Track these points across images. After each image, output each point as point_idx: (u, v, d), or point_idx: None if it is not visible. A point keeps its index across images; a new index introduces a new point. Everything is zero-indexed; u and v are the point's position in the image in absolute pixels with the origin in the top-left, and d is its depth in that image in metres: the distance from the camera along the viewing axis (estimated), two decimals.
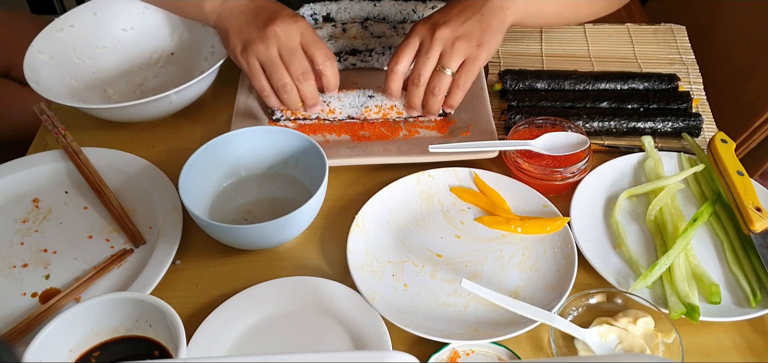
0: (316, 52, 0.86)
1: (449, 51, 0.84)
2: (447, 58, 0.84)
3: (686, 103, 0.96)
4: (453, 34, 0.84)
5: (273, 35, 0.84)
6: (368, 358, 0.55)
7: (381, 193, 0.86)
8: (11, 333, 0.72)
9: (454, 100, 0.88)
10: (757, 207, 0.79)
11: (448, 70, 0.85)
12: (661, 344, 0.70)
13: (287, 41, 0.85)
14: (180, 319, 0.65)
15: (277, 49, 0.85)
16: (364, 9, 1.07)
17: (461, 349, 0.71)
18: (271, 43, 0.85)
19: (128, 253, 0.82)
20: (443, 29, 0.84)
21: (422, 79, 0.86)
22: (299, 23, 0.86)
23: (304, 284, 0.77)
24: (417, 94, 0.87)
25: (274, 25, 0.84)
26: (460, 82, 0.86)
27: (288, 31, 0.85)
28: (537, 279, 0.78)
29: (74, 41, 1.03)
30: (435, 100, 0.87)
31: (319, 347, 0.72)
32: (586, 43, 1.11)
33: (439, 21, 0.85)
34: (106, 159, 0.91)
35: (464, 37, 0.84)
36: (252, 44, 0.85)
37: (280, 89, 0.86)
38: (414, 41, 0.86)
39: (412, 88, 0.87)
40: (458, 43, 0.84)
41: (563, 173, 0.86)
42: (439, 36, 0.84)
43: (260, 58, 0.86)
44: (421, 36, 0.86)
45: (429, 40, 0.84)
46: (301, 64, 0.86)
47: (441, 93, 0.86)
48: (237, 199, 0.87)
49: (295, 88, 0.87)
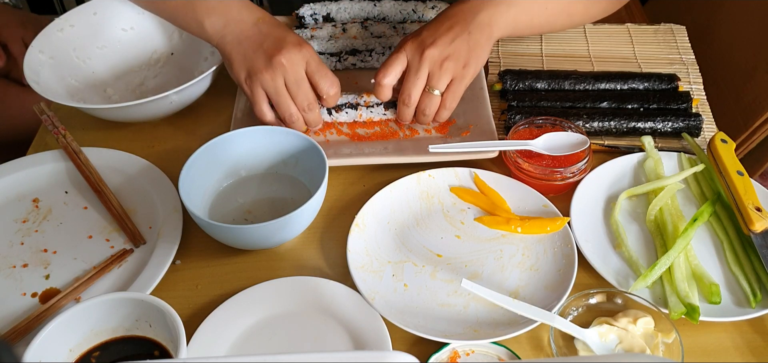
0: (320, 81, 0.86)
1: (437, 72, 0.85)
2: (435, 79, 0.85)
3: (686, 103, 0.96)
4: (441, 55, 0.84)
5: (279, 66, 0.84)
6: (368, 358, 0.55)
7: (381, 193, 0.86)
8: (11, 333, 0.72)
9: (441, 118, 0.90)
10: (757, 207, 0.79)
11: (436, 90, 0.86)
12: (661, 344, 0.70)
13: (293, 72, 0.85)
14: (180, 319, 0.65)
15: (283, 80, 0.85)
16: (364, 9, 1.07)
17: (461, 349, 0.71)
18: (277, 75, 0.84)
19: (128, 253, 0.82)
20: (432, 49, 0.84)
21: (412, 100, 0.87)
22: (304, 52, 0.85)
23: (304, 284, 0.77)
24: (407, 113, 0.89)
25: (280, 56, 0.84)
26: (446, 103, 0.88)
27: (293, 61, 0.84)
28: (537, 279, 0.78)
29: (74, 41, 1.03)
30: (424, 118, 0.89)
31: (319, 347, 0.72)
32: (586, 43, 1.11)
33: (427, 40, 0.85)
34: (106, 159, 0.91)
35: (452, 57, 0.85)
36: (257, 74, 0.85)
37: (287, 119, 0.87)
38: (402, 57, 0.86)
39: (402, 107, 0.88)
40: (446, 63, 0.84)
41: (563, 173, 0.86)
42: (427, 56, 0.84)
43: (266, 88, 0.85)
44: (409, 54, 0.86)
45: (418, 60, 0.85)
46: (307, 96, 0.86)
47: (431, 112, 0.88)
48: (237, 199, 0.87)
49: (301, 117, 0.88)
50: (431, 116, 0.89)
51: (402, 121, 0.91)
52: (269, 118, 0.88)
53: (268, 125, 0.88)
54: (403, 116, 0.90)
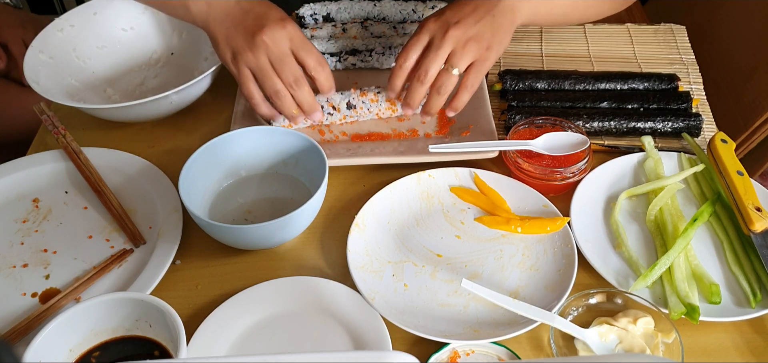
0: (306, 57, 0.84)
1: (460, 51, 0.82)
2: (457, 57, 0.83)
3: (686, 103, 0.96)
4: (465, 35, 0.82)
5: (261, 44, 0.82)
6: (368, 358, 0.55)
7: (381, 193, 0.86)
8: (11, 333, 0.72)
9: (460, 102, 0.86)
10: (757, 207, 0.79)
11: (455, 69, 0.83)
12: (661, 344, 0.70)
13: (276, 49, 0.83)
14: (180, 319, 0.65)
15: (267, 57, 0.83)
16: (364, 9, 1.07)
17: (461, 349, 0.71)
18: (259, 52, 0.83)
19: (128, 253, 0.82)
20: (455, 29, 0.82)
21: (428, 76, 0.84)
22: (287, 28, 0.83)
23: (304, 284, 0.77)
24: (419, 91, 0.86)
25: (261, 34, 0.82)
26: (468, 83, 0.85)
27: (275, 38, 0.83)
28: (537, 279, 0.78)
29: (74, 41, 1.03)
30: (439, 98, 0.85)
31: (319, 347, 0.72)
32: (586, 43, 1.11)
33: (452, 20, 0.83)
34: (106, 159, 0.91)
35: (476, 39, 0.83)
36: (241, 53, 0.84)
37: (274, 96, 0.85)
38: (424, 37, 0.84)
39: (415, 84, 0.85)
40: (470, 44, 0.82)
41: (563, 173, 0.86)
42: (451, 35, 0.82)
43: (250, 67, 0.84)
44: (431, 33, 0.84)
45: (440, 38, 0.82)
46: (292, 71, 0.84)
47: (446, 92, 0.85)
48: (237, 199, 0.87)
49: (288, 94, 0.85)
50: (445, 97, 0.85)
51: (409, 103, 0.88)
52: (257, 98, 0.86)
53: (257, 107, 0.87)
54: (413, 96, 0.86)
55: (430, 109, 0.88)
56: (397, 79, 0.86)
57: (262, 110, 0.88)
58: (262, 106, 0.88)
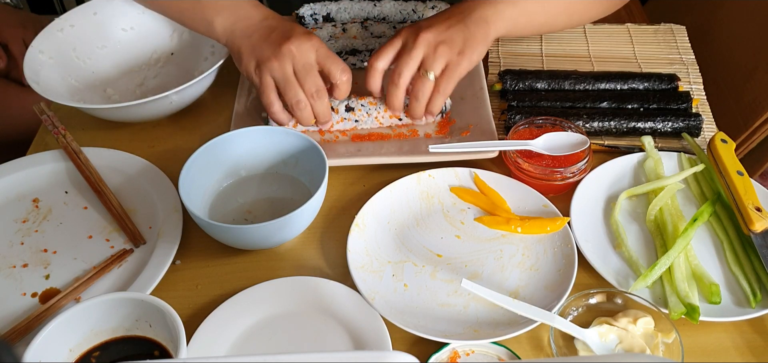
0: (332, 67, 0.87)
1: (432, 55, 0.84)
2: (430, 61, 0.85)
3: (686, 103, 0.96)
4: (436, 39, 0.84)
5: (288, 53, 0.84)
6: (368, 358, 0.55)
7: (381, 193, 0.86)
8: (11, 333, 0.72)
9: (435, 106, 0.88)
10: (757, 207, 0.79)
11: (430, 73, 0.85)
12: (661, 344, 0.70)
13: (302, 59, 0.85)
14: (180, 319, 0.65)
15: (292, 66, 0.85)
16: (364, 9, 1.07)
17: (461, 349, 0.71)
18: (285, 61, 0.85)
19: (128, 253, 0.82)
20: (427, 33, 0.85)
21: (402, 79, 0.86)
22: (313, 41, 0.86)
23: (304, 284, 0.77)
24: (397, 96, 0.88)
25: (289, 44, 0.84)
26: (440, 87, 0.87)
27: (302, 48, 0.85)
28: (537, 279, 0.78)
29: (74, 41, 1.03)
30: (418, 104, 0.88)
31: (319, 347, 0.72)
32: (586, 43, 1.11)
33: (424, 25, 0.86)
34: (106, 159, 0.91)
35: (446, 43, 0.85)
36: (266, 62, 0.85)
37: (295, 106, 0.86)
38: (396, 42, 0.87)
39: (391, 88, 0.87)
40: (441, 47, 0.84)
41: (563, 173, 0.86)
42: (422, 39, 0.84)
43: (274, 76, 0.86)
44: (404, 38, 0.86)
45: (412, 41, 0.85)
46: (315, 82, 0.86)
47: (424, 97, 0.87)
48: (237, 199, 0.87)
49: (309, 105, 0.87)
50: (424, 102, 0.87)
51: (392, 107, 0.90)
52: (276, 107, 0.88)
53: (275, 115, 0.88)
54: (393, 99, 0.88)
55: (413, 115, 0.90)
56: (372, 79, 0.88)
57: (281, 118, 0.89)
58: (281, 115, 0.89)
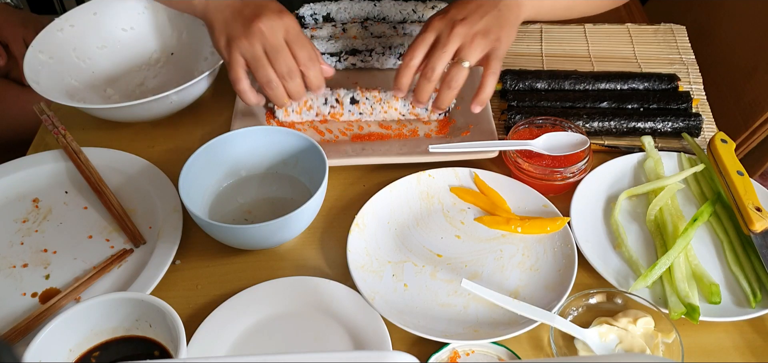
0: (299, 51, 0.84)
1: (468, 46, 0.82)
2: (466, 51, 0.83)
3: (686, 103, 0.96)
4: (471, 30, 0.83)
5: (258, 32, 0.83)
6: (368, 358, 0.55)
7: (381, 193, 0.86)
8: (11, 333, 0.72)
9: (486, 93, 0.85)
10: (757, 207, 0.79)
11: (466, 63, 0.83)
12: (661, 344, 0.70)
13: (272, 39, 0.83)
14: (180, 319, 0.65)
15: (262, 46, 0.83)
16: (364, 9, 1.07)
17: (461, 349, 0.71)
18: (255, 41, 0.83)
19: (128, 253, 0.82)
20: (461, 26, 0.83)
21: (435, 74, 0.84)
22: (284, 20, 0.84)
23: (304, 284, 0.77)
24: (427, 88, 0.85)
25: (258, 22, 0.83)
26: (491, 68, 0.84)
27: (273, 28, 0.83)
28: (537, 279, 0.78)
29: (74, 41, 1.03)
30: (450, 93, 0.85)
31: (319, 347, 0.72)
32: (586, 43, 1.11)
33: (457, 17, 0.83)
34: (106, 159, 0.91)
35: (483, 33, 0.83)
36: (236, 40, 0.84)
37: (266, 85, 0.85)
38: (430, 36, 0.84)
39: (422, 82, 0.85)
40: (477, 38, 0.83)
41: (563, 173, 0.86)
42: (457, 32, 0.82)
43: (244, 54, 0.84)
44: (437, 31, 0.84)
45: (446, 35, 0.83)
46: (286, 62, 0.84)
47: (457, 86, 0.84)
48: (237, 199, 0.87)
49: (280, 84, 0.85)
50: (456, 90, 0.85)
51: (418, 100, 0.87)
52: (243, 84, 0.86)
53: (243, 94, 0.87)
54: (421, 94, 0.86)
55: (441, 104, 0.87)
56: (404, 77, 0.86)
57: (249, 97, 0.87)
58: (249, 94, 0.87)
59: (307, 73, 0.86)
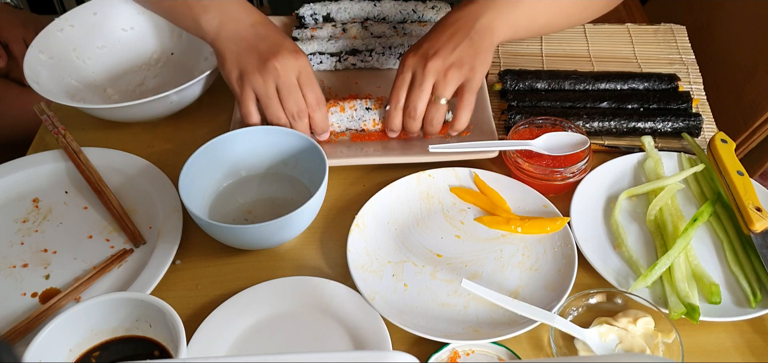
0: (307, 93, 0.86)
1: (442, 81, 0.83)
2: (441, 88, 0.83)
3: (686, 103, 0.96)
4: (444, 64, 0.83)
5: (272, 70, 0.83)
6: (368, 358, 0.55)
7: (381, 193, 0.86)
8: (11, 333, 0.72)
9: (461, 123, 0.87)
10: (757, 207, 0.79)
11: (442, 99, 0.84)
12: (661, 344, 0.70)
13: (285, 78, 0.84)
14: (180, 319, 0.65)
15: (275, 84, 0.84)
16: (364, 9, 1.07)
17: (461, 349, 0.71)
18: (269, 78, 0.84)
19: (128, 253, 0.82)
20: (434, 60, 0.83)
21: (418, 112, 0.85)
22: (299, 60, 0.85)
23: (304, 284, 0.77)
24: (413, 126, 0.87)
25: (274, 60, 0.83)
26: (463, 102, 0.85)
27: (287, 68, 0.84)
28: (537, 279, 0.78)
29: (74, 41, 1.03)
30: (432, 128, 0.87)
31: (319, 347, 0.72)
32: (586, 43, 1.11)
33: (430, 51, 0.84)
34: (106, 159, 0.91)
35: (456, 65, 0.83)
36: (249, 75, 0.84)
37: (275, 123, 0.86)
38: (406, 75, 0.85)
39: (408, 121, 0.86)
40: (451, 71, 0.83)
41: (563, 173, 0.86)
42: (430, 67, 0.83)
43: (256, 90, 0.85)
44: (412, 68, 0.85)
45: (421, 72, 0.83)
46: (297, 103, 0.85)
47: (439, 123, 0.86)
48: (237, 199, 0.87)
49: (289, 124, 0.86)
50: (438, 127, 0.87)
51: (410, 133, 0.89)
52: (255, 119, 0.87)
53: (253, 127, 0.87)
54: (410, 128, 0.88)
55: (429, 137, 0.90)
56: (395, 119, 0.87)
57: None
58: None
59: (313, 115, 0.87)
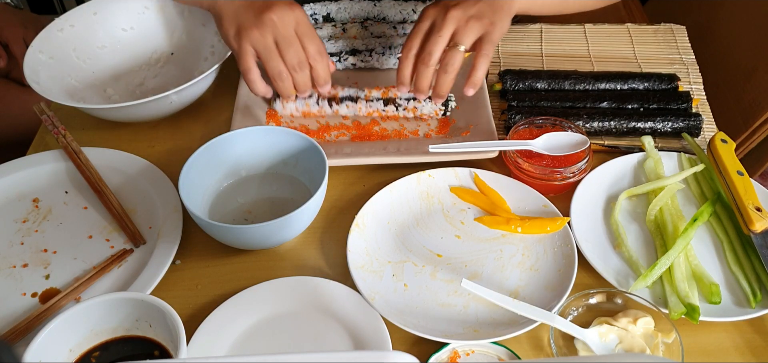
0: (308, 44, 0.85)
1: (463, 29, 0.83)
2: (460, 35, 0.83)
3: (686, 103, 0.96)
4: (465, 14, 0.83)
5: (269, 22, 0.83)
6: (368, 358, 0.55)
7: (381, 193, 0.86)
8: (11, 333, 0.72)
9: (479, 74, 0.85)
10: (757, 207, 0.79)
11: (461, 46, 0.83)
12: (661, 344, 0.70)
13: (283, 30, 0.84)
14: (180, 319, 0.65)
15: (273, 36, 0.84)
16: (364, 9, 1.07)
17: (461, 349, 0.71)
18: (266, 31, 0.84)
19: (128, 253, 0.82)
20: (455, 10, 0.83)
21: (432, 58, 0.84)
22: (295, 12, 0.85)
23: (304, 284, 0.77)
24: (426, 75, 0.85)
25: (270, 13, 0.83)
26: (483, 51, 0.84)
27: (284, 19, 0.84)
28: (537, 279, 0.78)
29: (74, 41, 1.03)
30: (447, 77, 0.85)
31: (319, 347, 0.72)
32: (586, 43, 1.11)
33: (451, 3, 0.84)
34: (106, 159, 0.91)
35: (476, 17, 0.84)
36: (246, 30, 0.84)
37: (276, 77, 0.86)
38: (425, 24, 0.85)
39: (421, 68, 0.85)
40: (471, 21, 0.83)
41: (563, 173, 0.86)
42: (451, 16, 0.83)
43: (255, 45, 0.84)
44: (432, 18, 0.85)
45: (441, 21, 0.83)
46: (297, 54, 0.85)
47: (453, 70, 0.85)
48: (237, 199, 0.87)
49: (290, 76, 0.86)
50: (453, 75, 0.85)
51: (419, 89, 0.87)
52: (255, 74, 0.86)
53: (253, 83, 0.87)
54: (421, 81, 0.86)
55: (440, 90, 0.87)
56: (406, 68, 0.86)
57: (258, 87, 0.88)
58: (258, 84, 0.88)
59: (315, 66, 0.87)
